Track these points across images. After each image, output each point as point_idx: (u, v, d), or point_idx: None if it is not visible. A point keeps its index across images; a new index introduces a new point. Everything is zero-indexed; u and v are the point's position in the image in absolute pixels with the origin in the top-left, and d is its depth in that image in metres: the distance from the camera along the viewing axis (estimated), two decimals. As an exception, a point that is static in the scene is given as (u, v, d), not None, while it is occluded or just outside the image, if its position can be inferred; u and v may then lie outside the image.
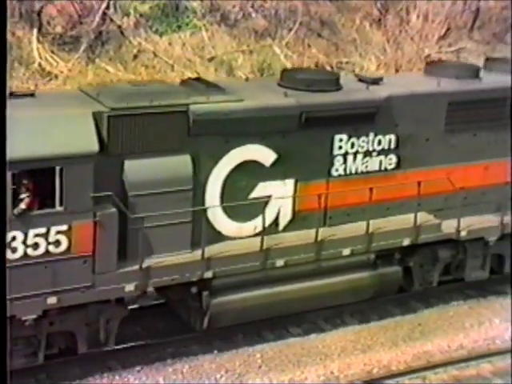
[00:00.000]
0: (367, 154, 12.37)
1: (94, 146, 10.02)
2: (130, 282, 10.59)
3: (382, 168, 12.57)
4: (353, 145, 12.21)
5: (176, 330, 12.26)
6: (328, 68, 22.73)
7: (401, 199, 12.62)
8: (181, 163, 10.87)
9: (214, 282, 11.30)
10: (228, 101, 11.19)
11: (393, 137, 12.51)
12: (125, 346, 11.66)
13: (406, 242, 12.65)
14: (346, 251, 12.15)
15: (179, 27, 22.53)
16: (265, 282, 11.68)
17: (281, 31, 23.38)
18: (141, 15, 22.39)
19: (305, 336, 12.76)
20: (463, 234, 13.16)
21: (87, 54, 20.72)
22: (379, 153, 12.46)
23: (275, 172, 11.66)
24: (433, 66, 13.91)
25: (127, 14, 22.10)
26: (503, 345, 12.99)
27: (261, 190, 11.64)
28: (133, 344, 11.81)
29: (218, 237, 11.47)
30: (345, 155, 12.19)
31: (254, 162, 11.51)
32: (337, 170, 12.20)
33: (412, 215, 12.56)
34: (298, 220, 12.00)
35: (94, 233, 10.17)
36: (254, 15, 23.78)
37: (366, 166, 12.41)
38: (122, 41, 21.63)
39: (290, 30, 23.43)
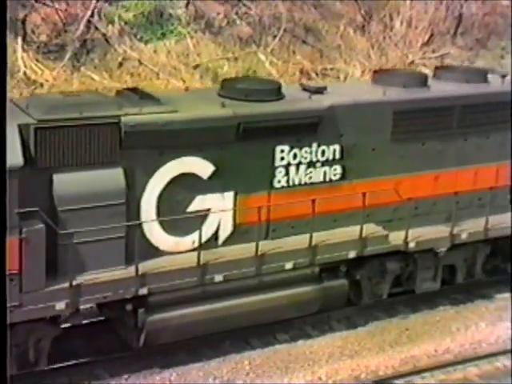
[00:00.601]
0: (311, 164, 12.12)
1: (18, 160, 9.63)
2: (60, 300, 10.20)
3: (327, 179, 12.32)
4: (295, 156, 11.96)
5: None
6: (313, 74, 22.87)
7: (348, 210, 12.40)
8: (112, 176, 10.54)
9: (149, 298, 10.95)
10: (162, 112, 10.87)
11: (337, 147, 12.26)
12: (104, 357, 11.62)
13: (352, 254, 12.39)
14: (289, 265, 11.86)
15: (164, 35, 22.57)
16: (204, 297, 11.37)
17: (265, 38, 23.47)
18: (125, 23, 22.41)
19: (292, 342, 12.77)
20: (412, 245, 12.92)
21: (72, 62, 20.71)
22: (323, 163, 12.22)
23: (213, 185, 11.36)
24: (380, 75, 13.64)
25: (112, 22, 22.11)
26: (489, 348, 13.07)
27: (199, 203, 11.32)
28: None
29: (155, 252, 11.13)
30: (287, 166, 11.93)
31: (191, 174, 11.19)
32: (279, 182, 11.93)
33: (359, 227, 12.35)
34: (239, 233, 11.72)
35: (20, 250, 9.77)
36: (238, 22, 23.87)
37: (310, 178, 12.16)
38: (107, 49, 21.64)
39: (275, 36, 23.53)
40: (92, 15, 21.58)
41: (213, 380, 11.73)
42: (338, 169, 12.39)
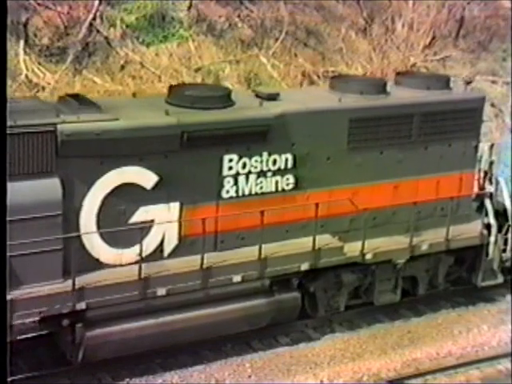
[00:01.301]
0: (261, 174, 11.83)
1: None
2: None
3: (279, 189, 12.01)
4: (245, 165, 11.67)
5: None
6: (315, 77, 22.87)
7: (301, 221, 12.14)
8: (49, 187, 10.21)
9: (88, 313, 10.63)
10: (100, 120, 10.53)
11: (289, 156, 11.96)
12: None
13: (305, 266, 12.08)
14: (237, 278, 11.57)
15: (166, 38, 22.56)
16: (148, 312, 11.06)
17: (267, 41, 23.46)
18: (127, 26, 22.42)
19: (294, 345, 12.77)
20: (368, 257, 12.62)
21: (74, 65, 20.70)
22: (275, 173, 11.92)
23: (157, 195, 11.03)
24: (337, 81, 13.30)
25: (114, 25, 22.12)
26: (491, 351, 13.05)
27: (142, 214, 11.00)
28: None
29: (96, 265, 10.83)
30: (236, 176, 11.63)
31: (134, 184, 10.87)
32: (228, 192, 11.64)
33: (313, 238, 12.06)
34: (186, 245, 11.41)
35: None
36: (240, 25, 23.88)
37: (261, 187, 11.86)
38: (109, 52, 21.63)
39: (277, 39, 23.50)
40: (94, 18, 21.58)
41: (215, 382, 11.73)
42: (291, 178, 12.09)
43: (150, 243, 11.16)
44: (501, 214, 14.18)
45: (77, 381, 11.28)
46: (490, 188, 14.10)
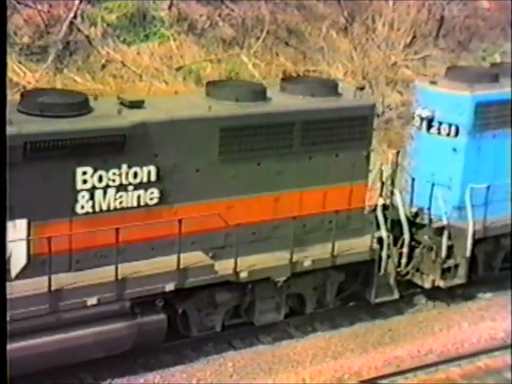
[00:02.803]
0: (121, 188, 10.95)
1: None
2: None
3: (142, 204, 11.14)
4: (101, 178, 10.77)
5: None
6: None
7: (169, 238, 11.24)
8: None
9: None
10: None
11: (152, 168, 11.11)
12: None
13: (170, 286, 11.21)
14: (92, 300, 10.66)
15: (147, 37, 22.55)
16: None
17: (248, 40, 23.51)
18: (108, 25, 22.37)
19: (275, 344, 12.80)
20: (243, 275, 11.77)
21: (55, 64, 20.63)
22: (136, 187, 11.05)
23: None
24: (214, 88, 12.25)
25: (94, 24, 22.06)
26: (471, 348, 13.16)
27: None
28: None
29: None
30: (92, 190, 10.73)
31: None
32: (83, 208, 10.71)
33: (182, 255, 11.22)
34: (36, 265, 10.49)
35: None
36: (221, 24, 23.90)
37: (121, 202, 10.99)
38: (90, 51, 21.57)
39: (258, 38, 23.57)
40: (75, 17, 21.51)
41: (196, 382, 11.74)
42: (155, 192, 11.23)
43: None
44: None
45: (58, 381, 11.25)
46: (381, 200, 13.50)
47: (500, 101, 14.12)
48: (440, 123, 14.00)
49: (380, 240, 13.16)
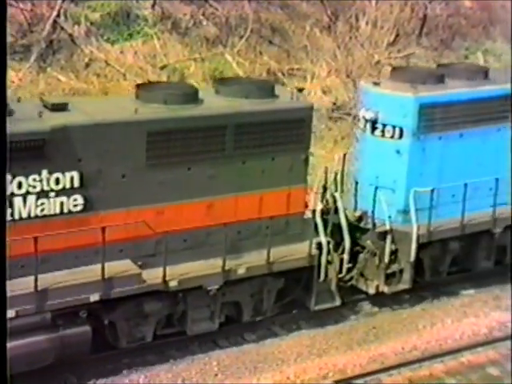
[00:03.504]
0: (42, 195, 10.53)
1: None
2: None
3: (65, 211, 10.72)
4: (20, 185, 10.38)
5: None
6: (280, 75, 22.98)
7: (94, 246, 10.81)
8: None
9: None
10: None
11: (75, 174, 10.71)
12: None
13: (95, 297, 10.78)
14: (11, 313, 10.13)
15: (130, 35, 22.52)
16: None
17: (232, 39, 23.54)
18: (92, 23, 22.32)
19: (260, 342, 12.83)
20: (173, 284, 11.37)
21: (38, 63, 20.57)
22: (58, 193, 10.64)
23: None
24: (143, 91, 11.82)
25: (78, 23, 22.00)
26: (455, 344, 13.25)
27: None
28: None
29: None
30: (10, 197, 10.30)
31: None
32: None
33: (108, 264, 10.83)
34: None
35: None
36: (205, 23, 23.90)
37: (42, 210, 10.57)
38: (74, 49, 21.52)
39: (242, 37, 23.60)
40: (58, 15, 21.46)
41: (181, 381, 11.75)
42: (79, 199, 10.84)
43: None
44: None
45: (41, 382, 11.23)
46: (319, 204, 13.10)
47: (445, 102, 13.73)
48: (384, 125, 13.61)
49: (320, 246, 12.77)
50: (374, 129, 13.74)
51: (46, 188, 10.59)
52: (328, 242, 12.84)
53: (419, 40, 26.71)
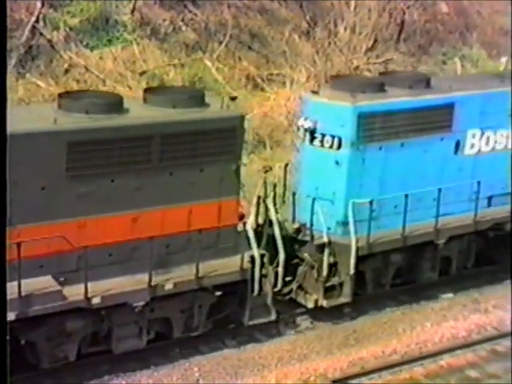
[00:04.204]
0: None
1: None
2: None
3: None
4: None
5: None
6: (259, 80, 23.06)
7: (13, 262, 10.17)
8: None
9: None
10: None
11: None
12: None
13: (11, 316, 10.21)
14: None
15: (110, 41, 22.46)
16: None
17: (211, 44, 23.57)
18: (71, 29, 22.24)
19: (241, 347, 12.86)
20: (96, 300, 11.02)
21: (17, 68, 20.46)
22: None
23: None
24: (64, 99, 11.47)
25: (57, 28, 21.92)
26: (434, 347, 13.36)
27: None
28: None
29: None
30: None
31: None
32: None
33: (26, 281, 10.40)
34: None
35: None
36: (184, 29, 23.91)
37: None
38: (53, 55, 21.43)
39: (221, 43, 23.63)
40: (37, 21, 21.36)
41: (163, 387, 11.78)
42: None
43: None
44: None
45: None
46: (252, 217, 12.82)
47: (386, 111, 13.37)
48: (323, 135, 13.26)
49: (253, 259, 12.42)
50: (312, 138, 13.40)
51: None
52: (262, 255, 12.50)
53: (397, 45, 26.91)
